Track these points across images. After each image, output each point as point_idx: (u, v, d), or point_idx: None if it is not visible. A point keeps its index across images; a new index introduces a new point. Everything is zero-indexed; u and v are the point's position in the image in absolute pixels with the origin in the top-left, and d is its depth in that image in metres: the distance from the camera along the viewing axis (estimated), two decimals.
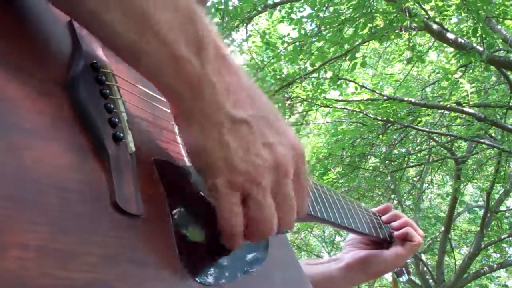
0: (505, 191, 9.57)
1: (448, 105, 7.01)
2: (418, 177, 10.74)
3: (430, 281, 10.95)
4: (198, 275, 0.63)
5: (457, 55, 6.48)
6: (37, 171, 0.48)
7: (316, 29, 7.07)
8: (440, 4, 6.31)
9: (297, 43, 7.01)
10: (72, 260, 0.48)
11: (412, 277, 11.74)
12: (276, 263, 0.80)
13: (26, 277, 0.44)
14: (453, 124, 8.71)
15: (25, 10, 0.57)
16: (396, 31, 6.24)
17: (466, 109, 7.02)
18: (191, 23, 0.57)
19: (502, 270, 13.18)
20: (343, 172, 8.83)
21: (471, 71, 7.88)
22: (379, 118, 7.55)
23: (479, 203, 12.98)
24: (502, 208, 10.35)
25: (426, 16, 6.55)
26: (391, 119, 7.56)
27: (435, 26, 6.58)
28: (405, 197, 11.28)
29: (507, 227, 10.32)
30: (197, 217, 0.69)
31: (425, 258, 11.86)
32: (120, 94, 0.64)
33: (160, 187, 0.65)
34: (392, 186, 9.96)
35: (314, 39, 6.80)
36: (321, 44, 6.85)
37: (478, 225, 10.29)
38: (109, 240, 0.53)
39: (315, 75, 7.42)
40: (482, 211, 10.78)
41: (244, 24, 7.51)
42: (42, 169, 0.49)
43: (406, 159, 9.03)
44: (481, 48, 6.06)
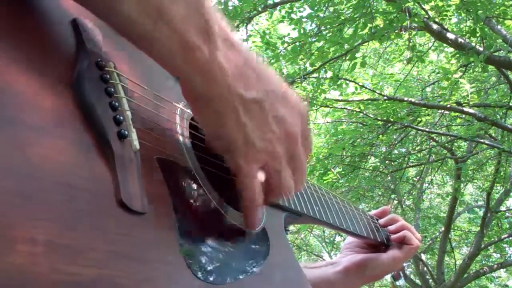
0: (505, 191, 9.58)
1: (448, 105, 7.01)
2: (418, 177, 10.74)
3: (430, 281, 10.96)
4: (201, 273, 0.64)
5: (457, 55, 6.49)
6: (44, 168, 0.49)
7: (316, 29, 7.08)
8: (440, 4, 6.31)
9: (297, 43, 7.01)
10: (79, 256, 0.49)
11: (412, 277, 11.74)
12: (276, 264, 0.81)
13: (37, 273, 0.44)
14: (453, 124, 8.72)
15: (31, 9, 0.57)
16: (396, 31, 6.25)
17: (466, 109, 7.02)
18: (199, 12, 0.60)
19: (502, 270, 13.19)
20: (343, 172, 8.83)
21: (471, 71, 7.88)
22: (379, 118, 7.55)
23: (479, 203, 12.99)
24: (502, 208, 10.36)
25: (426, 16, 6.55)
26: (391, 119, 7.57)
27: (435, 26, 6.58)
28: (405, 197, 11.29)
29: (507, 227, 10.32)
30: (200, 215, 0.70)
31: (425, 258, 11.86)
32: (125, 92, 0.64)
33: (164, 185, 0.65)
34: (392, 186, 9.96)
35: (314, 39, 6.80)
36: (321, 44, 6.85)
37: (478, 225, 10.30)
38: (115, 237, 0.54)
39: (315, 75, 7.42)
40: (482, 211, 10.79)
41: (244, 24, 7.52)
42: (48, 166, 0.49)
43: (406, 159, 9.03)
44: (481, 48, 6.07)
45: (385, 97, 7.50)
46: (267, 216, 0.85)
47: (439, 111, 7.72)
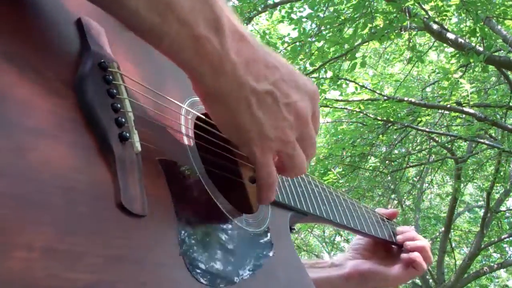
0: (505, 191, 9.57)
1: (448, 105, 7.00)
2: (418, 177, 10.74)
3: (430, 281, 10.95)
4: (202, 276, 0.63)
5: (457, 55, 6.48)
6: (43, 172, 0.48)
7: (316, 29, 7.07)
8: (440, 4, 6.31)
9: (297, 43, 7.00)
10: (78, 261, 0.48)
11: None
12: (280, 264, 0.80)
13: (32, 278, 0.44)
14: (453, 124, 8.71)
15: (34, 9, 0.57)
16: (396, 31, 6.24)
17: (466, 109, 7.01)
18: (207, 4, 0.60)
19: (502, 270, 13.18)
20: (343, 172, 8.82)
21: (471, 71, 7.87)
22: (379, 118, 7.54)
23: (479, 203, 12.99)
24: (502, 208, 10.35)
25: (426, 16, 6.55)
26: (391, 119, 7.56)
27: (435, 26, 6.57)
28: (405, 197, 11.29)
29: (507, 227, 10.32)
30: (202, 217, 0.69)
31: None
32: (127, 93, 0.64)
33: (166, 188, 0.65)
34: (392, 186, 9.95)
35: (314, 39, 6.79)
36: (321, 44, 6.85)
37: (478, 225, 10.29)
38: (114, 241, 0.53)
39: (315, 75, 7.40)
40: (482, 211, 10.78)
41: (244, 24, 7.51)
42: (48, 170, 0.49)
43: (406, 159, 9.02)
44: (481, 48, 6.06)
45: (385, 97, 7.49)
46: (272, 216, 0.85)
47: (439, 111, 7.71)
